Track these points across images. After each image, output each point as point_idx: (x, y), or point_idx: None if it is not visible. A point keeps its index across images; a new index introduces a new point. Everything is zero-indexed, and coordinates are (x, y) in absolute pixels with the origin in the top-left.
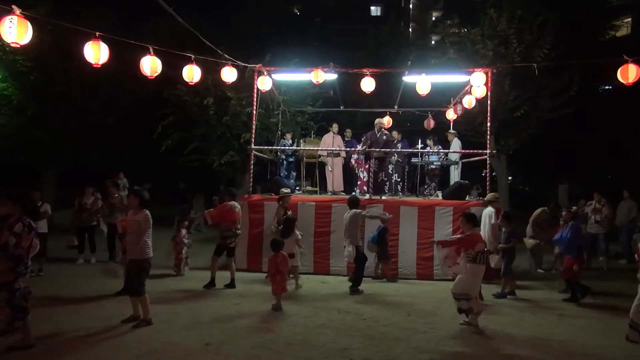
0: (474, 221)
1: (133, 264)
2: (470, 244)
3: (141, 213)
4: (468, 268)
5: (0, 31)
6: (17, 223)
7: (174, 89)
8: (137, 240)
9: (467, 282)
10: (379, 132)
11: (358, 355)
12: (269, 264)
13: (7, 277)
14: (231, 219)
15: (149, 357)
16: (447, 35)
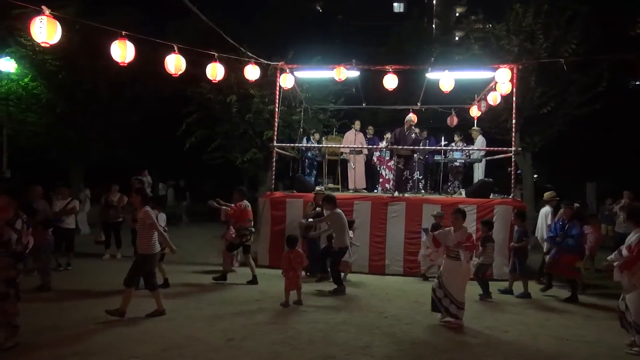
0: (464, 218)
1: (140, 258)
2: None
3: (142, 211)
4: (465, 268)
5: (30, 31)
6: (17, 219)
7: (197, 87)
8: (141, 236)
9: (462, 285)
10: (408, 130)
11: (379, 353)
12: (283, 260)
13: (9, 274)
14: (246, 217)
15: (171, 351)
16: (471, 31)
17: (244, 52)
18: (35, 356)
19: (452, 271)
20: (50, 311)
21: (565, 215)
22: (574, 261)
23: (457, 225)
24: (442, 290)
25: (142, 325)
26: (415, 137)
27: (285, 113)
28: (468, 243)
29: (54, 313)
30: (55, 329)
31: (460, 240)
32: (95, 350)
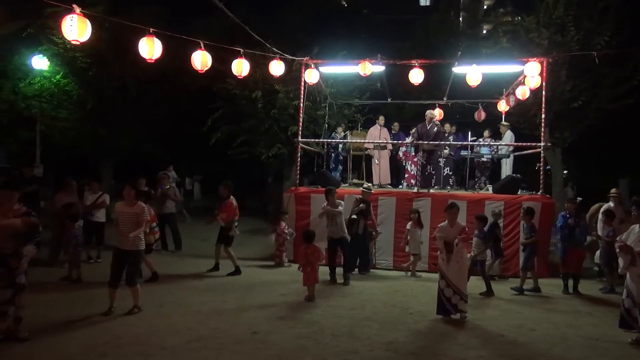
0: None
1: (131, 254)
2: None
3: (138, 205)
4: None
5: (62, 29)
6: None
7: (223, 83)
8: (131, 232)
9: (464, 277)
10: (429, 124)
11: (404, 349)
12: (300, 255)
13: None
14: (235, 212)
15: (198, 343)
16: (499, 24)
17: (269, 48)
18: (67, 345)
19: (454, 265)
20: (81, 302)
21: (570, 209)
22: (582, 256)
23: (452, 220)
24: (451, 288)
25: (170, 318)
26: (437, 130)
27: (310, 108)
28: (463, 235)
29: (84, 304)
30: (86, 319)
31: (459, 233)
32: (126, 341)
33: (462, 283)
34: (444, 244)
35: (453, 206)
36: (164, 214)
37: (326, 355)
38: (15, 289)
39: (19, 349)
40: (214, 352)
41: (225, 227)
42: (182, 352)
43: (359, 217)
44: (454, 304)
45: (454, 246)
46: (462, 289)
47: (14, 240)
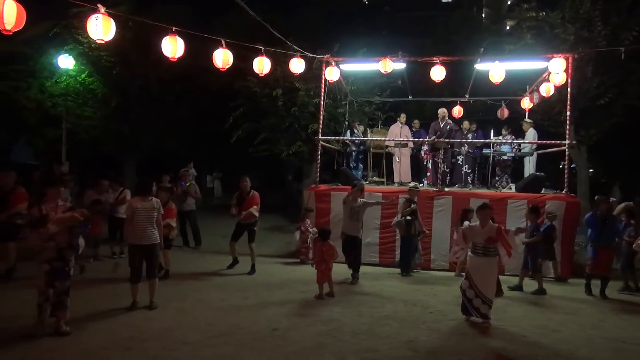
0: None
1: (147, 249)
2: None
3: (151, 201)
4: (492, 262)
5: (87, 29)
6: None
7: (244, 80)
8: (146, 227)
9: (492, 281)
10: (442, 121)
11: (424, 348)
12: (315, 252)
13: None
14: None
15: (218, 339)
16: (523, 20)
17: (290, 46)
18: (92, 339)
19: (482, 268)
20: (105, 297)
21: (602, 209)
22: (612, 257)
23: (484, 220)
24: (473, 290)
25: (191, 313)
26: (450, 128)
27: (330, 106)
28: (500, 236)
29: (108, 299)
30: (110, 314)
31: (491, 235)
32: (149, 336)
33: (489, 288)
34: (473, 246)
35: (485, 206)
36: (185, 211)
37: (346, 353)
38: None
39: (45, 343)
40: (234, 348)
41: (250, 222)
42: (203, 347)
43: (412, 217)
44: (475, 307)
45: (484, 248)
46: (487, 293)
47: (69, 233)
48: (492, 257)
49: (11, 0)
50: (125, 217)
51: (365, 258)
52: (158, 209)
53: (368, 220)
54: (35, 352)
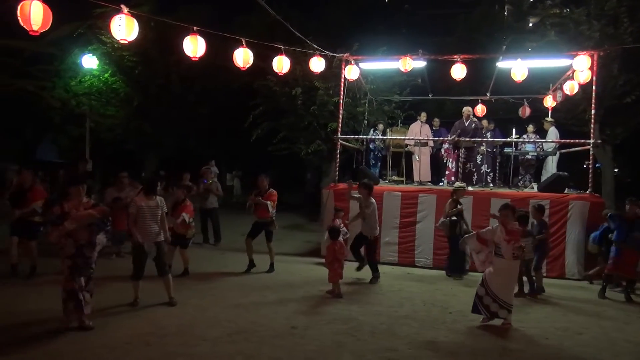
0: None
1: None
2: (519, 239)
3: (155, 199)
4: (512, 264)
5: (110, 29)
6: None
7: (264, 79)
8: (151, 224)
9: (509, 283)
10: (467, 120)
11: (443, 349)
12: (327, 251)
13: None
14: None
15: (238, 336)
16: (547, 17)
17: (309, 45)
18: (114, 334)
19: (496, 268)
20: (128, 292)
21: (632, 211)
22: (637, 260)
23: (507, 222)
24: (483, 288)
25: (211, 310)
26: (475, 127)
27: (349, 105)
28: (508, 237)
29: (130, 295)
30: (131, 309)
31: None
32: (169, 332)
33: (507, 293)
34: (495, 247)
35: (505, 207)
36: (207, 209)
37: (364, 352)
38: (90, 277)
39: (69, 337)
40: (254, 345)
41: (265, 221)
42: (222, 344)
43: (458, 218)
44: (493, 311)
45: (505, 250)
46: (506, 298)
47: (88, 230)
48: (514, 259)
49: (38, 1)
50: (129, 215)
51: (385, 257)
52: (162, 207)
53: (387, 219)
54: (60, 345)
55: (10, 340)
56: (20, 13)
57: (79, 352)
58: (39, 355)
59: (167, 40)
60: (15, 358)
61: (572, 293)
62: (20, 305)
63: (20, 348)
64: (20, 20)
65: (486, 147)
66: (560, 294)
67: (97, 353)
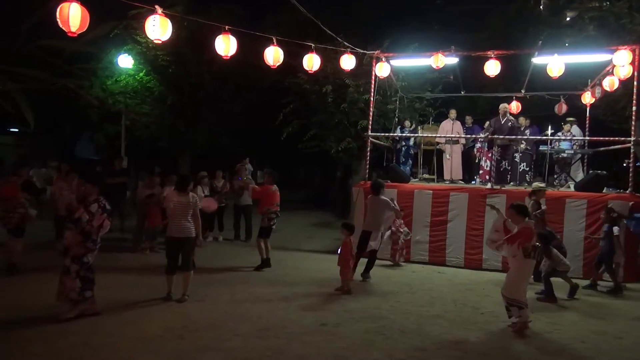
0: (524, 212)
1: (184, 242)
2: (529, 238)
3: (188, 194)
4: (522, 263)
5: (145, 29)
6: (94, 203)
7: (294, 77)
8: (182, 219)
9: (517, 281)
10: (503, 118)
11: (474, 350)
12: (346, 248)
13: (77, 251)
14: (274, 201)
15: (268, 332)
16: (585, 11)
17: (340, 42)
18: (148, 327)
19: (518, 268)
20: (160, 287)
21: None
22: None
23: (515, 222)
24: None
25: (242, 305)
26: (511, 124)
27: (380, 102)
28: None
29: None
30: (165, 303)
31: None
32: (200, 327)
33: (513, 290)
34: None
35: (510, 207)
36: (241, 206)
37: (394, 351)
38: (62, 270)
39: (106, 328)
40: (284, 341)
41: (262, 217)
42: (253, 339)
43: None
44: (506, 307)
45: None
46: (512, 295)
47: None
48: (531, 258)
49: (76, 3)
50: (166, 210)
51: (415, 256)
52: (194, 203)
53: (418, 217)
54: (97, 336)
55: (50, 330)
56: (60, 15)
57: (115, 344)
58: (79, 345)
59: (199, 40)
60: (56, 347)
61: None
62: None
63: (60, 338)
64: (60, 22)
65: (526, 145)
66: (598, 297)
67: (132, 345)
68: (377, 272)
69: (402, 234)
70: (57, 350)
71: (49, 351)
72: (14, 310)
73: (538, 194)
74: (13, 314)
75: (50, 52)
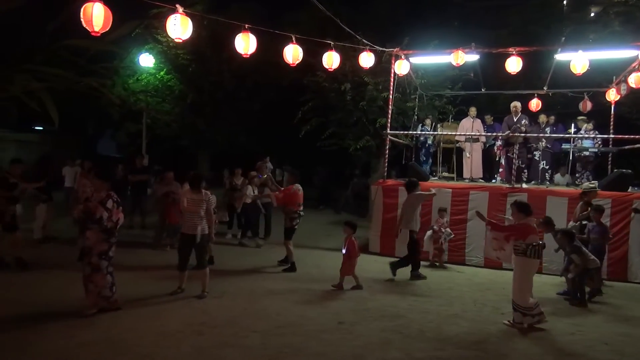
0: (526, 210)
1: (197, 239)
2: (522, 235)
3: (202, 192)
4: (518, 261)
5: (166, 28)
6: (108, 199)
7: (313, 75)
8: (196, 216)
9: (520, 282)
10: (516, 116)
11: (494, 350)
12: (350, 245)
13: (102, 248)
14: (296, 201)
15: (286, 329)
16: (610, 6)
17: (359, 40)
18: (168, 322)
19: (515, 267)
20: None
21: None
22: None
23: (515, 219)
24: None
25: (260, 303)
26: (525, 122)
27: (399, 100)
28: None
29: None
30: (184, 299)
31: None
32: (219, 323)
33: (515, 292)
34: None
35: (512, 205)
36: (262, 203)
37: (412, 350)
38: (91, 268)
39: (127, 323)
40: (301, 339)
41: (285, 217)
42: (271, 336)
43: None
44: (516, 321)
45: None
46: (514, 297)
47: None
48: (528, 257)
49: (99, 3)
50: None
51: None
52: (207, 200)
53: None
54: (119, 330)
55: (72, 324)
56: (84, 15)
57: (139, 338)
58: (103, 339)
59: (219, 38)
60: (79, 341)
61: (636, 297)
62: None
63: (83, 332)
64: (83, 22)
65: (545, 143)
66: (622, 298)
67: (152, 340)
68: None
69: (444, 235)
70: (80, 344)
71: (73, 345)
72: (38, 305)
73: (590, 195)
74: (37, 308)
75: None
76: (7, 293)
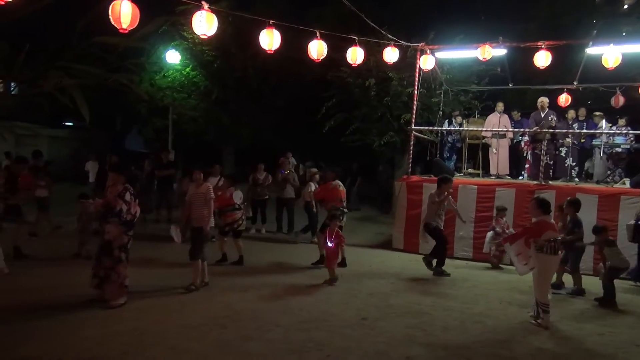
0: (545, 208)
1: (196, 230)
2: (537, 233)
3: (204, 186)
4: (537, 258)
5: (192, 25)
6: (126, 192)
7: (337, 71)
8: (201, 210)
9: (540, 281)
10: (543, 111)
11: (520, 350)
12: (335, 236)
13: (122, 241)
14: (337, 197)
15: (309, 324)
16: None
17: (384, 35)
18: (192, 315)
19: (535, 264)
20: None
21: None
22: None
23: (533, 215)
24: None
25: (283, 297)
26: (552, 119)
27: (424, 95)
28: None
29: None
30: (207, 292)
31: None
32: (243, 317)
33: (537, 289)
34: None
35: (532, 200)
36: (284, 198)
37: (435, 347)
38: (113, 260)
39: (152, 316)
40: (325, 334)
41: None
42: (295, 331)
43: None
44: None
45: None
46: (536, 295)
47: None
48: (545, 253)
49: (127, 1)
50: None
51: (458, 252)
52: (205, 193)
53: (462, 213)
54: (145, 322)
55: (99, 315)
56: (112, 12)
57: (163, 331)
58: (129, 330)
59: (244, 34)
60: (108, 331)
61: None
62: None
63: (111, 323)
64: (112, 19)
65: (572, 139)
66: None
67: (177, 332)
68: (419, 267)
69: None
70: (108, 334)
71: (101, 335)
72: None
73: None
74: (66, 298)
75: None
76: (28, 283)
